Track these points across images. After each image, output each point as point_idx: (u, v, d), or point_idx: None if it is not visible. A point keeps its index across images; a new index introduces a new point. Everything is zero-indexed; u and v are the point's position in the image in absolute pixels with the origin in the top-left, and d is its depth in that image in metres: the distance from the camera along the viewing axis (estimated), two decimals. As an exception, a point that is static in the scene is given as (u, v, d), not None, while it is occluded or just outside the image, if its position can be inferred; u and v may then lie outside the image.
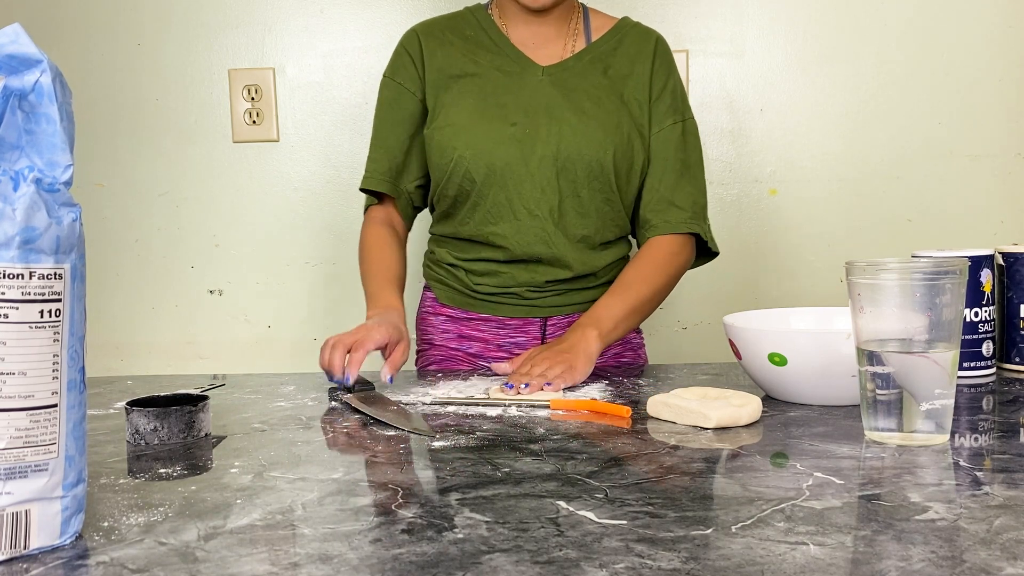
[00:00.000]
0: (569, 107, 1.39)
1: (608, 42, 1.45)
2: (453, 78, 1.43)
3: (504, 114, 1.39)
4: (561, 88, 1.41)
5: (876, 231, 1.90)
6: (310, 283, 1.98)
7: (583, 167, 1.37)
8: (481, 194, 1.39)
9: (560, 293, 1.44)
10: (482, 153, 1.37)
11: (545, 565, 0.60)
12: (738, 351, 1.09)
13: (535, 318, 1.45)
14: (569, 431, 0.96)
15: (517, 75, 1.42)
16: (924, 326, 0.86)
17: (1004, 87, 1.87)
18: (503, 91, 1.41)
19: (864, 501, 0.71)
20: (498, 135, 1.37)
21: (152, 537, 0.67)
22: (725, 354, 1.23)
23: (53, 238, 0.63)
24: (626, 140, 1.39)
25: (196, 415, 0.97)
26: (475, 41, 1.45)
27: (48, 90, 0.63)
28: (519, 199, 1.38)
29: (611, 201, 1.41)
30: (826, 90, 1.89)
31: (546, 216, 1.39)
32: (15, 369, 0.62)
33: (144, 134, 1.97)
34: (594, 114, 1.39)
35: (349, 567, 0.60)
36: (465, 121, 1.39)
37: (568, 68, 1.43)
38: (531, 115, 1.39)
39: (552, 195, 1.38)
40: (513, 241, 1.40)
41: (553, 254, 1.40)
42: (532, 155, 1.37)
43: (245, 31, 1.94)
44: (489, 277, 1.44)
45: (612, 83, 1.42)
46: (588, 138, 1.37)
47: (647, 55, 1.45)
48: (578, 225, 1.40)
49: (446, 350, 1.48)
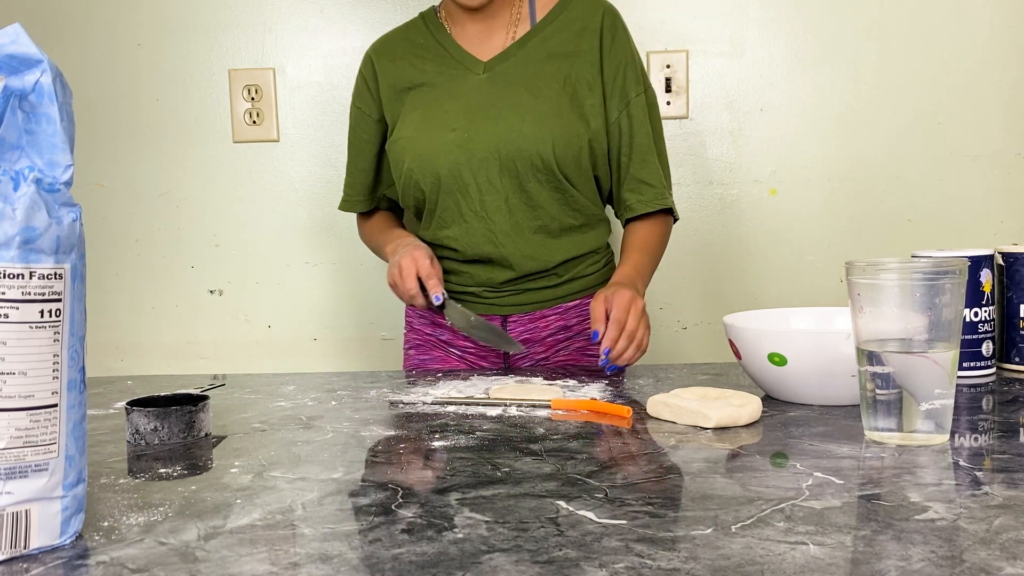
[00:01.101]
0: (507, 103, 1.40)
1: (553, 21, 1.44)
2: (404, 91, 1.47)
3: (446, 120, 1.41)
4: (500, 83, 1.42)
5: (876, 231, 1.90)
6: (310, 283, 1.98)
7: (524, 163, 1.38)
8: (432, 201, 1.44)
9: (517, 292, 1.46)
10: (427, 163, 1.41)
11: (545, 565, 0.60)
12: (738, 351, 1.09)
13: (496, 315, 1.47)
14: (569, 431, 0.96)
15: (460, 77, 1.44)
16: (924, 326, 0.86)
17: (1004, 87, 1.87)
18: (446, 96, 1.43)
19: (864, 501, 0.71)
20: (440, 143, 1.40)
21: (152, 537, 0.67)
22: (725, 354, 1.23)
23: (53, 238, 0.63)
24: (568, 128, 1.38)
25: (196, 415, 0.97)
26: (424, 47, 1.48)
27: (48, 90, 0.63)
28: (466, 203, 1.41)
29: (561, 189, 1.41)
30: (826, 90, 1.89)
31: (493, 216, 1.41)
32: (15, 369, 0.62)
33: (144, 134, 1.97)
34: (532, 106, 1.39)
35: (349, 567, 0.60)
36: (412, 133, 1.43)
37: (509, 58, 1.43)
38: (471, 117, 1.40)
39: (497, 195, 1.40)
40: (463, 243, 1.43)
41: (500, 253, 1.42)
42: (473, 158, 1.39)
43: (245, 31, 1.94)
44: (452, 275, 1.48)
45: (556, 66, 1.42)
46: (524, 133, 1.38)
47: (593, 31, 1.43)
48: (530, 217, 1.42)
49: (422, 334, 1.53)
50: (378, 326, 1.97)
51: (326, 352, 1.98)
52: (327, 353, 1.98)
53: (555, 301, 1.46)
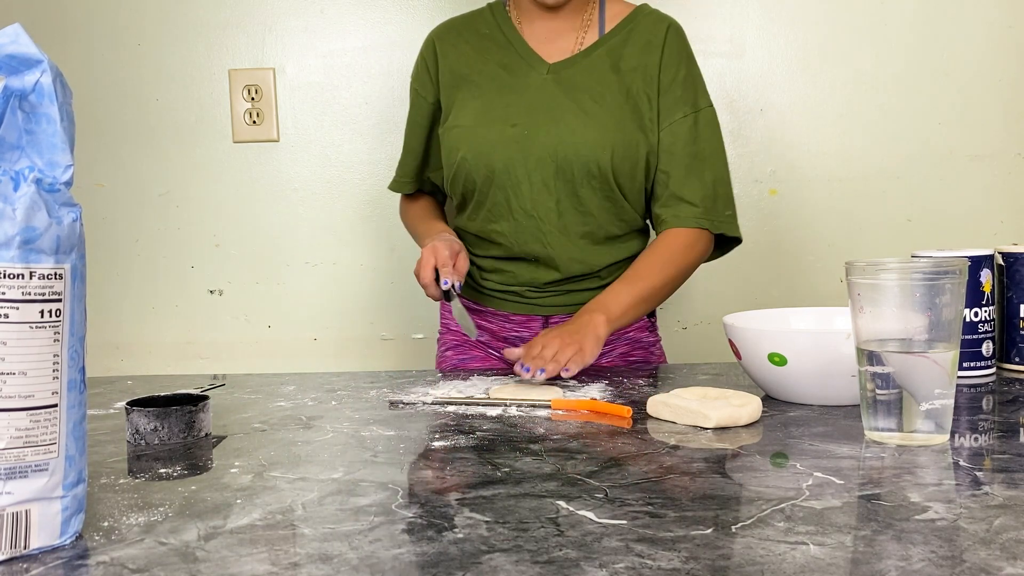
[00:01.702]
0: (570, 107, 1.39)
1: (620, 32, 1.44)
2: (463, 77, 1.46)
3: (506, 115, 1.40)
4: (564, 86, 1.41)
5: (876, 231, 1.90)
6: (310, 283, 1.98)
7: (580, 168, 1.37)
8: (483, 193, 1.42)
9: (560, 294, 1.46)
10: (482, 155, 1.39)
11: (545, 565, 0.60)
12: (738, 351, 1.09)
13: (537, 315, 1.47)
14: (569, 431, 0.96)
15: (523, 74, 1.43)
16: (924, 326, 0.86)
17: (1004, 87, 1.87)
18: (508, 91, 1.42)
19: (864, 501, 0.71)
20: (498, 137, 1.39)
21: (152, 537, 0.67)
22: (725, 354, 1.23)
23: (53, 238, 0.63)
24: (628, 138, 1.38)
25: (196, 415, 0.97)
26: (489, 38, 1.47)
27: (48, 90, 0.63)
28: (516, 200, 1.40)
29: (612, 199, 1.41)
30: (826, 90, 1.89)
31: (543, 216, 1.40)
32: (15, 369, 0.62)
33: (144, 134, 1.97)
34: (595, 113, 1.38)
35: (349, 567, 0.60)
36: (470, 123, 1.42)
37: (575, 64, 1.43)
38: (532, 115, 1.39)
39: (549, 196, 1.39)
40: (511, 239, 1.43)
41: (548, 254, 1.41)
42: (530, 156, 1.38)
43: (245, 31, 1.94)
44: (495, 274, 1.47)
45: (620, 77, 1.41)
46: (585, 139, 1.37)
47: (656, 46, 1.42)
48: (579, 223, 1.41)
49: (459, 335, 1.53)
50: (378, 326, 1.97)
51: (326, 352, 1.98)
52: (327, 353, 1.98)
53: None
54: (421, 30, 1.73)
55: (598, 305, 1.32)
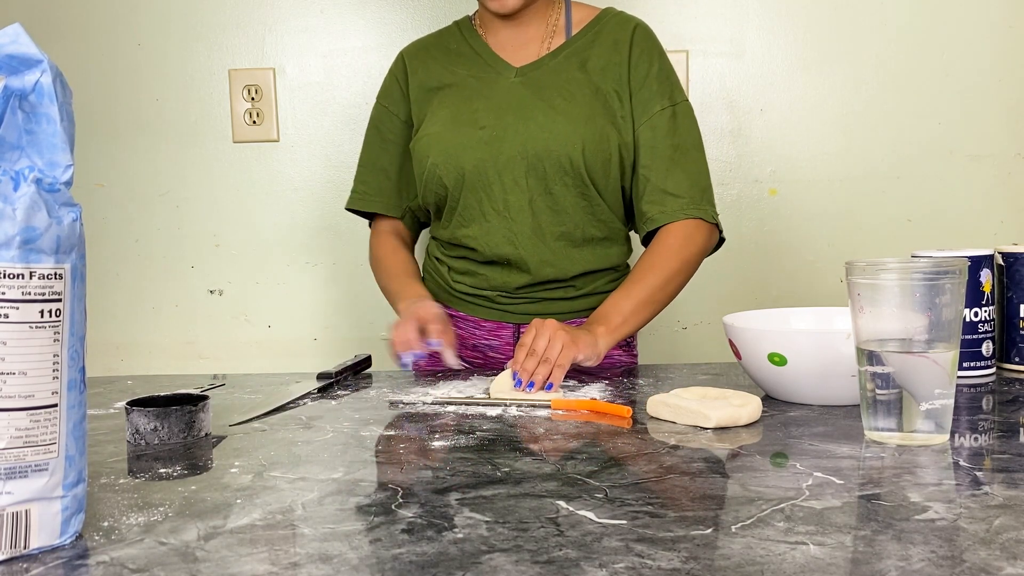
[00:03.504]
0: (539, 106, 1.39)
1: (587, 35, 1.45)
2: (433, 91, 1.46)
3: (475, 119, 1.40)
4: (532, 87, 1.41)
5: (876, 231, 1.90)
6: (310, 283, 1.98)
7: (552, 163, 1.37)
8: (454, 198, 1.42)
9: (532, 301, 1.44)
10: (452, 158, 1.39)
11: (545, 565, 0.60)
12: (738, 351, 1.09)
13: (508, 323, 1.46)
14: (569, 431, 0.96)
15: (491, 80, 1.44)
16: (924, 326, 0.86)
17: (1004, 87, 1.87)
18: (476, 96, 1.43)
19: (864, 501, 0.71)
20: (467, 140, 1.39)
21: (152, 537, 0.67)
22: (725, 354, 1.23)
23: (53, 238, 0.63)
24: (599, 133, 1.37)
25: (196, 415, 0.97)
26: (456, 53, 1.48)
27: (48, 90, 0.63)
28: (488, 201, 1.40)
29: (587, 196, 1.40)
30: (826, 90, 1.89)
31: (515, 216, 1.39)
32: (15, 369, 0.62)
33: (144, 134, 1.97)
34: (564, 109, 1.38)
35: (349, 567, 0.60)
36: (439, 130, 1.42)
37: (542, 66, 1.43)
38: (501, 117, 1.39)
39: (521, 195, 1.39)
40: (482, 242, 1.42)
41: (520, 255, 1.40)
42: (500, 156, 1.38)
43: (245, 31, 1.94)
44: (467, 276, 1.46)
45: (588, 76, 1.41)
46: (555, 134, 1.37)
47: (623, 44, 1.42)
48: (554, 222, 1.40)
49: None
50: (378, 326, 1.97)
51: (326, 352, 1.98)
52: (327, 353, 1.98)
53: (570, 315, 1.44)
54: (421, 30, 1.74)
55: (596, 316, 1.32)
